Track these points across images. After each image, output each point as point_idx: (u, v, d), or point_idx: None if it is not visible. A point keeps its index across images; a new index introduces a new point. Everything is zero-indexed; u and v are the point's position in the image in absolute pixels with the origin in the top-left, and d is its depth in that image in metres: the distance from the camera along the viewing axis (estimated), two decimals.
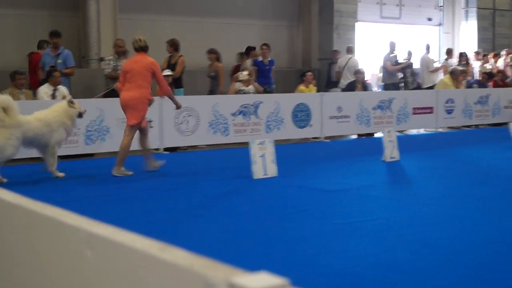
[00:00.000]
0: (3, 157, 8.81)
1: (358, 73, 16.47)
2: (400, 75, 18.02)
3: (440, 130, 17.21)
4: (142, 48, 9.98)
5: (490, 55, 20.67)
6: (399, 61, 17.95)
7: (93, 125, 11.79)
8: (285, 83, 17.79)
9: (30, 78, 13.29)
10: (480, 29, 23.35)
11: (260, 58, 15.23)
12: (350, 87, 16.32)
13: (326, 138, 14.80)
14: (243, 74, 14.37)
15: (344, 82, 17.21)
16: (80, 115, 9.87)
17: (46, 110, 9.53)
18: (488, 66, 20.15)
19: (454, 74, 17.78)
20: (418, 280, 4.75)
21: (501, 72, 19.60)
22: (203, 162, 11.61)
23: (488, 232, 6.08)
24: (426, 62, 18.53)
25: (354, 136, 15.72)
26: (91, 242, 1.79)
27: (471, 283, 4.65)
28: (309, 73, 15.94)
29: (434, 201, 7.66)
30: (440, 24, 23.74)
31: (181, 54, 13.58)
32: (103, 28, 15.80)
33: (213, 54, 14.52)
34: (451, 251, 5.43)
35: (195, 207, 7.57)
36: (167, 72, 12.88)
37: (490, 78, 19.03)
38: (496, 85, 18.96)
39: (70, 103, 9.65)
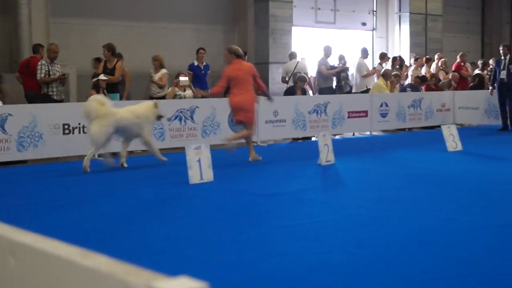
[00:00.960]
0: (98, 142, 10.53)
1: (300, 80, 16.54)
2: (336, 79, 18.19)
3: (375, 133, 17.44)
4: (240, 56, 11.68)
5: (423, 59, 21.03)
6: (334, 65, 18.12)
7: (25, 131, 11.56)
8: None
9: None
10: (413, 34, 23.77)
11: (196, 63, 15.19)
12: (290, 92, 16.40)
13: (263, 142, 14.83)
14: (184, 80, 14.36)
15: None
16: (159, 117, 11.45)
17: (135, 106, 11.38)
18: (423, 70, 20.51)
19: (386, 76, 18.03)
20: (354, 281, 4.79)
21: (434, 76, 19.97)
22: (139, 167, 11.50)
23: (420, 233, 6.17)
24: (360, 66, 18.74)
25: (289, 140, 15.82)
26: (14, 250, 1.74)
27: (404, 284, 4.70)
28: None
29: (368, 203, 7.75)
30: (374, 29, 24.08)
31: (118, 59, 13.49)
32: (35, 32, 15.53)
33: (157, 61, 14.55)
34: (385, 253, 5.49)
35: (129, 213, 7.50)
36: (102, 77, 12.80)
37: (423, 82, 19.36)
38: (428, 89, 19.31)
39: (155, 105, 11.32)
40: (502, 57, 17.29)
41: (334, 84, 18.02)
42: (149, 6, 17.88)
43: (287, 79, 17.35)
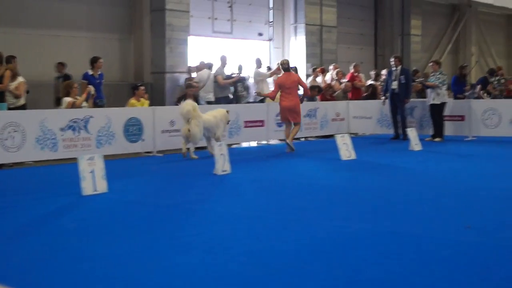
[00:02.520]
0: (196, 139, 13.62)
1: (191, 86, 16.50)
2: (232, 89, 18.25)
3: (271, 142, 17.58)
4: (288, 69, 15.10)
5: (318, 70, 21.35)
6: (231, 75, 18.17)
7: None
8: (116, 97, 17.52)
9: None
10: (308, 45, 24.10)
11: (90, 72, 14.93)
12: (181, 101, 16.29)
13: (159, 152, 14.71)
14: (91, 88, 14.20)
15: (205, 95, 17.36)
16: (228, 121, 14.74)
17: (214, 111, 14.43)
18: (318, 79, 20.82)
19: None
20: None
21: (329, 86, 20.30)
22: (30, 179, 11.22)
23: (312, 242, 6.24)
24: (256, 76, 18.88)
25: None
26: None
27: None
28: (141, 87, 15.81)
29: (262, 213, 7.78)
30: (270, 39, 24.30)
31: (6, 67, 13.10)
32: None
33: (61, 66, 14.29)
34: (277, 262, 5.52)
35: (19, 227, 7.25)
36: None
37: (318, 92, 19.67)
38: (323, 99, 19.63)
39: (227, 111, 14.60)
40: (394, 68, 17.81)
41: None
42: (40, 13, 17.39)
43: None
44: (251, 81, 19.08)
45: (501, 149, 15.11)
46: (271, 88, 18.93)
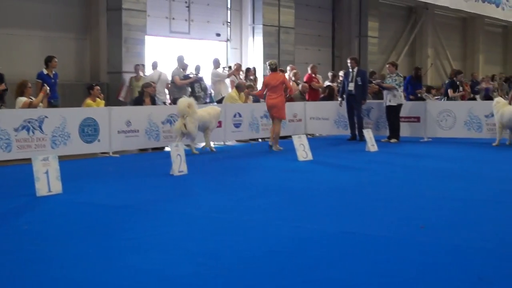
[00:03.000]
0: (193, 135, 14.60)
1: (148, 86, 16.40)
2: (189, 89, 18.18)
3: (228, 143, 17.55)
4: (275, 69, 15.90)
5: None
6: (188, 75, 18.12)
7: None
8: (72, 97, 17.34)
9: None
10: (266, 45, 24.14)
11: (45, 71, 14.75)
12: (138, 101, 16.21)
13: (115, 153, 14.60)
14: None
15: (159, 97, 17.27)
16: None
17: (208, 108, 15.55)
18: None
19: (239, 88, 18.23)
20: None
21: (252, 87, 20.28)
22: None
23: (267, 242, 6.25)
24: (214, 77, 18.86)
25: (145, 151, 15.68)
26: None
27: None
28: (97, 87, 15.66)
29: (218, 213, 7.78)
30: (228, 40, 24.28)
31: None
32: None
33: None
34: (233, 262, 5.52)
35: None
36: None
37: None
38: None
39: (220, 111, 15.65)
40: (350, 70, 17.89)
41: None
42: None
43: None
44: (208, 82, 19.03)
45: (455, 150, 15.30)
46: (229, 90, 18.96)
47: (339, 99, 18.67)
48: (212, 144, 15.75)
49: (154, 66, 18.40)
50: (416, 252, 5.83)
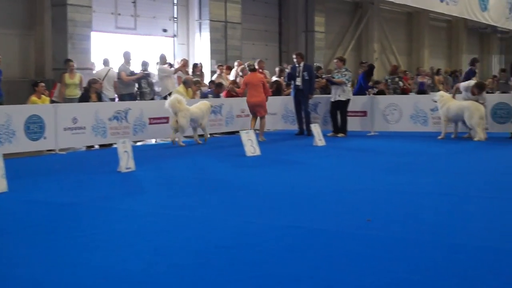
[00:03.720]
0: (184, 129, 15.47)
1: (94, 82, 16.27)
2: (137, 85, 18.06)
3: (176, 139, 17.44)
4: (254, 69, 17.27)
5: (224, 66, 21.42)
6: (134, 72, 17.99)
7: None
8: (16, 94, 17.08)
9: None
10: (213, 41, 24.09)
11: None
12: (84, 98, 16.05)
13: (61, 150, 14.44)
14: None
15: (106, 93, 17.09)
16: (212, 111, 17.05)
17: (199, 104, 16.23)
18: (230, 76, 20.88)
19: (186, 83, 18.17)
20: None
21: (234, 83, 20.33)
22: None
23: (216, 237, 6.27)
24: (160, 73, 18.76)
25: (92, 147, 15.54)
26: None
27: (199, 286, 4.75)
28: (41, 84, 15.46)
29: (166, 210, 7.77)
30: (175, 35, 24.18)
31: None
32: None
33: None
34: (181, 259, 5.53)
35: None
36: None
37: (223, 88, 19.68)
38: (228, 95, 19.66)
39: (211, 104, 16.67)
40: (297, 65, 17.95)
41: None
42: None
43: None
44: (155, 78, 18.92)
45: (402, 144, 15.51)
46: (176, 85, 18.87)
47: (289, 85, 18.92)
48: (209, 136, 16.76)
49: (106, 63, 18.21)
50: (362, 245, 5.91)
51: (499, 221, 6.86)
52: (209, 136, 16.72)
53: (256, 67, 18.49)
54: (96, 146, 15.70)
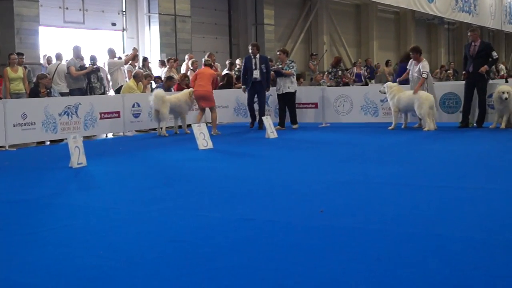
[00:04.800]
0: (165, 117, 16.43)
1: (42, 77, 16.08)
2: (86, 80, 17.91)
3: (128, 133, 17.39)
4: (210, 65, 17.65)
5: (173, 60, 21.37)
6: (85, 66, 17.83)
7: None
8: None
9: None
10: (163, 34, 24.02)
11: None
12: (35, 92, 15.86)
13: (11, 146, 14.25)
14: None
15: (55, 87, 16.90)
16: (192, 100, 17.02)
17: (178, 94, 17.09)
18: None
19: (137, 78, 18.09)
20: (104, 285, 4.74)
21: (185, 76, 20.28)
22: None
23: (170, 231, 6.26)
24: (110, 67, 18.63)
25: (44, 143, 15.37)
26: None
27: (152, 283, 4.73)
28: None
29: (119, 205, 7.73)
30: (124, 29, 24.02)
31: None
32: None
33: None
34: (134, 254, 5.50)
35: None
36: None
37: (174, 82, 19.62)
38: (180, 89, 19.59)
39: (190, 93, 16.75)
40: (252, 57, 17.59)
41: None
42: None
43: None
44: (103, 72, 18.78)
45: (353, 135, 15.63)
46: (127, 79, 18.77)
47: (243, 86, 18.06)
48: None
49: (58, 57, 18.01)
50: (316, 235, 5.95)
51: (450, 210, 6.97)
52: (187, 131, 16.62)
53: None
54: (47, 142, 15.53)
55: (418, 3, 38.03)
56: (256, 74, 17.49)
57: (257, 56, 17.62)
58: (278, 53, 18.24)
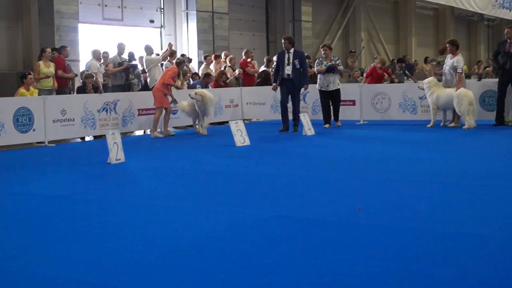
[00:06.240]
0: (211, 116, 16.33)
1: (88, 77, 16.25)
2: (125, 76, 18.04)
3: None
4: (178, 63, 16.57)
5: (212, 57, 21.40)
6: (122, 63, 17.95)
7: None
8: (5, 86, 17.03)
9: None
10: (201, 31, 24.07)
11: None
12: (83, 90, 16.03)
13: (51, 142, 14.42)
14: None
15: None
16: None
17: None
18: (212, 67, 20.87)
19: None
20: (142, 280, 4.77)
21: (223, 73, 20.33)
22: None
23: (206, 228, 6.27)
24: (149, 63, 18.72)
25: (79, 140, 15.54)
26: None
27: (191, 278, 4.75)
28: (30, 76, 15.41)
29: (156, 201, 7.77)
30: (162, 26, 24.13)
31: None
32: None
33: None
34: (172, 249, 5.53)
35: None
36: None
37: (211, 78, 19.67)
38: (217, 86, 19.65)
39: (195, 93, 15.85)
40: (286, 51, 16.02)
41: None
42: None
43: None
44: (141, 68, 18.90)
45: (391, 132, 15.51)
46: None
47: (274, 84, 16.56)
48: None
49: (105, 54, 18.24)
50: (353, 234, 5.92)
51: (489, 209, 6.89)
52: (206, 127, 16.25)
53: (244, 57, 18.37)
54: (88, 138, 15.68)
55: (458, 0, 37.62)
56: (288, 70, 15.82)
57: (291, 50, 15.92)
58: (322, 48, 17.49)
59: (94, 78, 16.40)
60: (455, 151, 11.92)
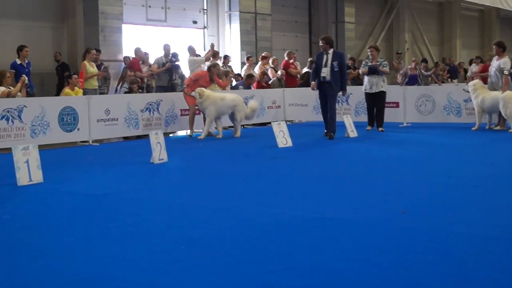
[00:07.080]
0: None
1: (134, 82, 16.43)
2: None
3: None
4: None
5: (259, 57, 21.42)
6: (166, 63, 18.07)
7: None
8: (50, 86, 17.26)
9: None
10: (243, 32, 24.12)
11: (18, 61, 14.68)
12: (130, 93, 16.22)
13: (95, 141, 14.57)
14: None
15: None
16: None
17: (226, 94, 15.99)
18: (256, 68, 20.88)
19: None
20: (186, 280, 4.78)
21: (265, 74, 20.33)
22: None
23: (249, 229, 6.27)
24: (192, 64, 18.81)
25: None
26: None
27: (236, 279, 4.75)
28: (75, 76, 15.59)
29: (199, 200, 7.79)
30: (205, 27, 24.23)
31: None
32: None
33: None
34: (215, 250, 5.53)
35: None
36: None
37: (254, 79, 19.69)
38: (260, 87, 19.67)
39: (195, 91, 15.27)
40: (324, 53, 14.93)
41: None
42: None
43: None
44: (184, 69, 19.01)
45: (435, 135, 15.35)
46: None
47: (312, 82, 15.26)
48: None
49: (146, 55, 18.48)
50: (397, 237, 5.86)
51: None
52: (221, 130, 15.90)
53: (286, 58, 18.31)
54: (130, 138, 15.81)
55: (503, 1, 37.12)
56: (324, 72, 14.67)
57: (330, 51, 14.75)
58: (369, 49, 17.21)
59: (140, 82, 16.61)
60: (500, 154, 11.75)
